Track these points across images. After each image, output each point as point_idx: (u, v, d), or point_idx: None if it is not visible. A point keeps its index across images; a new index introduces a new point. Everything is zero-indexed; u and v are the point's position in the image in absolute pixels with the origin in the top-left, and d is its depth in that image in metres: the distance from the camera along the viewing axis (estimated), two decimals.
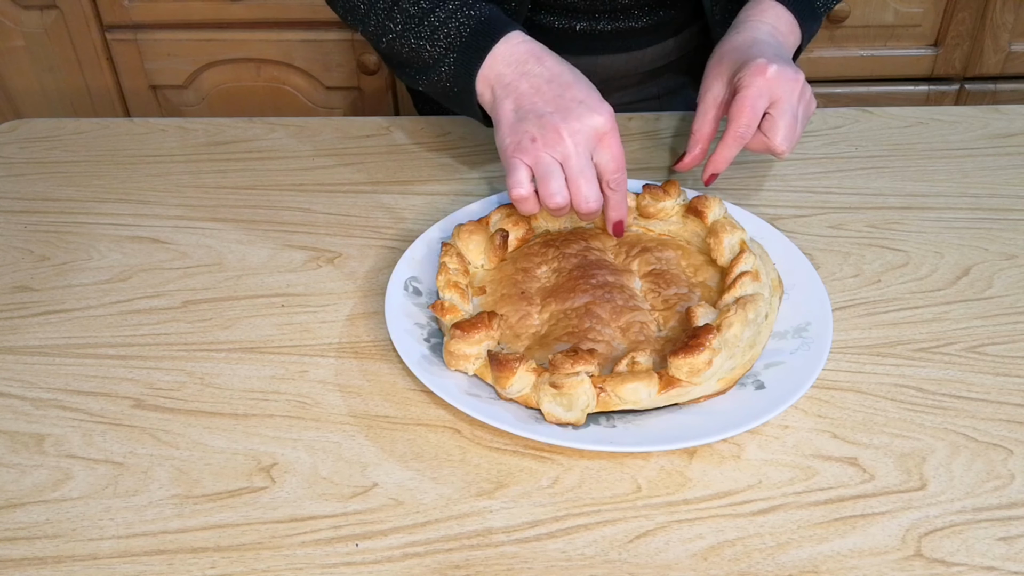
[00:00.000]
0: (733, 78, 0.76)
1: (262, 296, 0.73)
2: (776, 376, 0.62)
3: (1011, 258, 0.76)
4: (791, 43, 0.81)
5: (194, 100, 1.70)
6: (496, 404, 0.60)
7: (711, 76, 0.79)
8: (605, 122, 0.67)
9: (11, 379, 0.66)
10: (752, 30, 0.80)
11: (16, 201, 0.85)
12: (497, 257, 0.72)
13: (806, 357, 0.63)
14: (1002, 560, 0.53)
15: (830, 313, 0.66)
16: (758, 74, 0.73)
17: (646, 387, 0.58)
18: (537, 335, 0.66)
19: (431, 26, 0.74)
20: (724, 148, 0.76)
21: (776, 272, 0.69)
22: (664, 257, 0.72)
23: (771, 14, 0.81)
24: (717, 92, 0.78)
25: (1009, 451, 0.59)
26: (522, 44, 0.72)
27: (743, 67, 0.74)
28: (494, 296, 0.70)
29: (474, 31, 0.73)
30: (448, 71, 0.74)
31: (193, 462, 0.59)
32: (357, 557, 0.53)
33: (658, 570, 0.53)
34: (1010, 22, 1.60)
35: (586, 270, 0.70)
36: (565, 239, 0.74)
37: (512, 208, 0.74)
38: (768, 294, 0.66)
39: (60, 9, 1.58)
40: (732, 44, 0.79)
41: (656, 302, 0.68)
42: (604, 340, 0.64)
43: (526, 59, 0.71)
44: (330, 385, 0.65)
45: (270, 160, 0.91)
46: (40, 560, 0.53)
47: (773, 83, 0.73)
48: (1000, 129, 0.93)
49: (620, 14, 0.92)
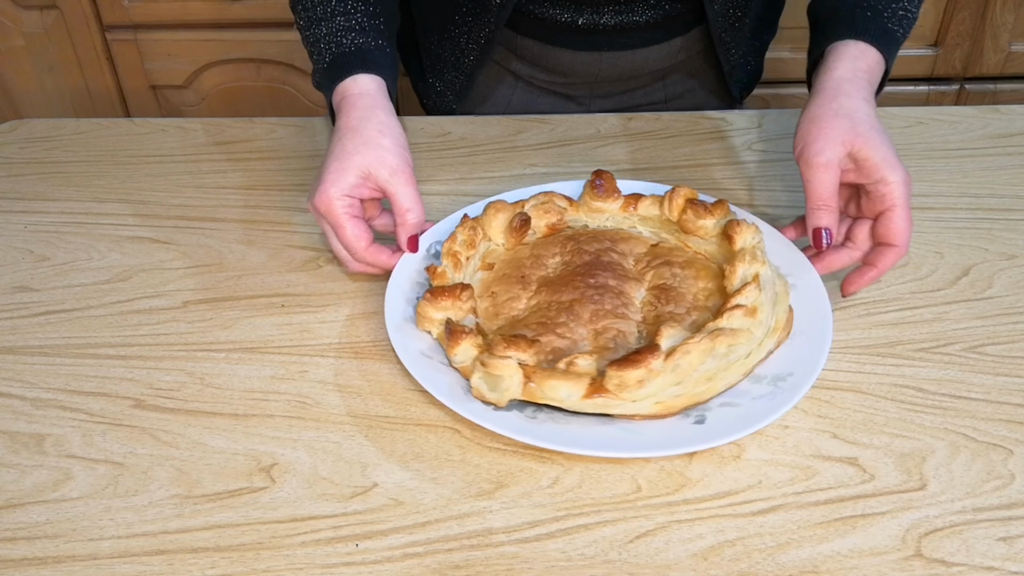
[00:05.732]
0: (852, 156, 0.69)
1: (262, 296, 0.73)
2: (725, 413, 0.59)
3: (1011, 258, 0.76)
4: (877, 77, 0.75)
5: (194, 100, 1.70)
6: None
7: (821, 138, 0.69)
8: (319, 207, 0.70)
9: (11, 379, 0.66)
10: (845, 93, 0.71)
11: (16, 201, 0.85)
12: (514, 239, 0.74)
13: (774, 391, 0.60)
14: (1002, 560, 0.53)
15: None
16: (902, 207, 0.67)
17: (569, 388, 0.58)
18: (515, 319, 0.67)
19: (314, 36, 0.80)
20: (882, 269, 0.69)
21: (787, 316, 0.65)
22: (681, 275, 0.70)
23: (853, 50, 0.74)
24: (832, 155, 0.68)
25: (1009, 451, 0.59)
26: (358, 97, 0.75)
27: (875, 172, 0.68)
28: (496, 274, 0.71)
29: (335, 58, 0.78)
30: (317, 83, 0.81)
31: (193, 462, 0.59)
32: (357, 557, 0.53)
33: (658, 570, 0.53)
34: (1010, 22, 1.60)
35: (591, 269, 0.70)
36: (593, 236, 0.74)
37: (549, 196, 0.76)
38: (761, 334, 0.63)
39: (60, 9, 1.58)
40: (831, 111, 0.70)
41: (649, 315, 0.67)
42: (571, 338, 0.64)
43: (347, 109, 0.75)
44: (330, 385, 0.65)
45: (270, 160, 0.91)
46: (40, 560, 0.53)
47: (909, 196, 0.68)
48: (1000, 129, 0.93)
49: (623, 7, 0.92)
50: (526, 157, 0.91)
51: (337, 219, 0.70)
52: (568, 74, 0.99)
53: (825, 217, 0.69)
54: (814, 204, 0.69)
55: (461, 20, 0.96)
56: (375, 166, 0.71)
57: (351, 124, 0.73)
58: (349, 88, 0.76)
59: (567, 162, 0.90)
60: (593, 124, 0.95)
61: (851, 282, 0.70)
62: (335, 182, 0.70)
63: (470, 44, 0.97)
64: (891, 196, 0.67)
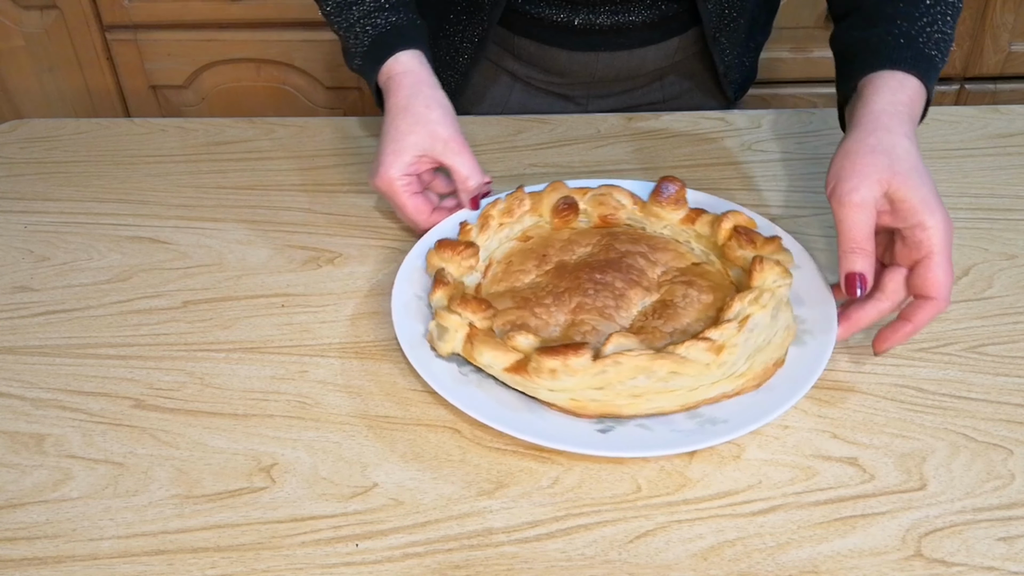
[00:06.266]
0: (888, 196, 0.63)
1: (262, 296, 0.73)
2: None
3: (1011, 258, 0.76)
4: (918, 109, 0.70)
5: (194, 100, 1.70)
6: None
7: (856, 175, 0.63)
8: (380, 188, 0.76)
9: (11, 379, 0.66)
10: (884, 128, 0.66)
11: (16, 201, 0.85)
12: (558, 220, 0.76)
13: (699, 431, 0.58)
14: (1002, 560, 0.53)
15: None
16: (941, 255, 0.62)
17: (494, 356, 0.60)
18: (512, 289, 0.70)
19: (346, 21, 0.81)
20: (918, 324, 0.63)
21: (767, 370, 0.61)
22: (696, 297, 0.67)
23: (891, 81, 0.69)
24: (867, 194, 0.63)
25: (1009, 451, 0.59)
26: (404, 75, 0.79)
27: (912, 215, 0.62)
28: (525, 247, 0.74)
29: (374, 40, 0.80)
30: (358, 66, 0.83)
31: (193, 462, 0.59)
32: (357, 557, 0.53)
33: (658, 570, 0.53)
34: (1010, 22, 1.60)
35: (605, 267, 0.69)
36: (632, 238, 0.73)
37: (610, 189, 0.77)
38: (720, 375, 0.60)
39: (60, 9, 1.58)
40: (867, 146, 0.65)
41: (636, 324, 0.66)
42: (545, 319, 0.66)
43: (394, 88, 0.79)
44: (330, 385, 0.65)
45: (270, 160, 0.91)
46: (40, 560, 0.53)
47: (949, 242, 0.63)
48: (1000, 129, 0.93)
49: (619, 7, 0.92)
50: (526, 157, 0.91)
51: (398, 198, 0.76)
52: (565, 74, 0.99)
53: (859, 261, 0.63)
54: (847, 247, 0.63)
55: (456, 19, 0.97)
56: (428, 143, 0.76)
57: (400, 104, 0.77)
58: (392, 68, 0.79)
59: (567, 162, 0.90)
60: (593, 124, 0.95)
61: (884, 338, 0.64)
62: (393, 164, 0.75)
63: (464, 43, 0.97)
64: (929, 242, 0.61)
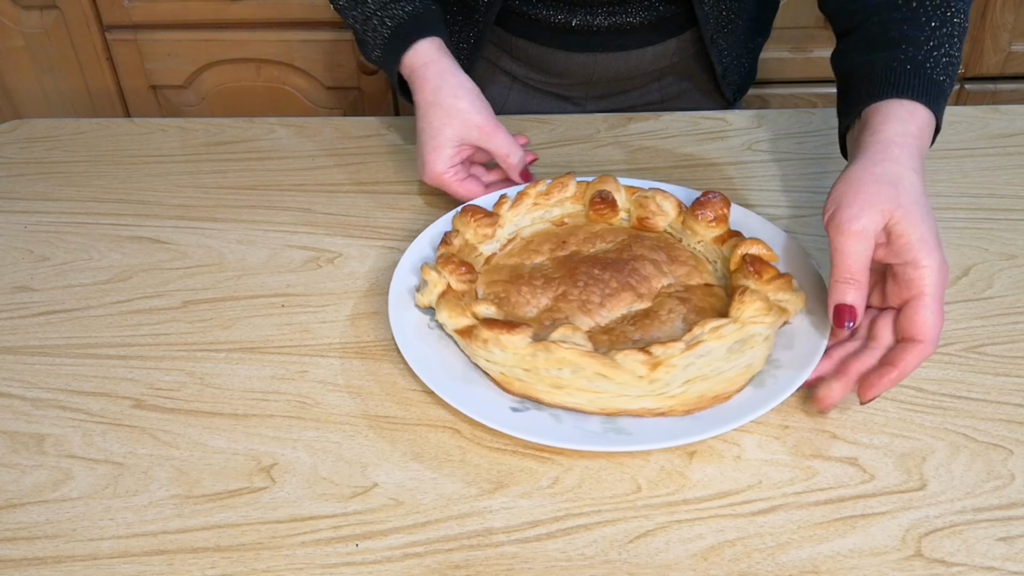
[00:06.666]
0: (887, 229, 0.61)
1: (262, 296, 0.73)
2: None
3: (1011, 258, 0.76)
4: (927, 141, 0.68)
5: (194, 100, 1.70)
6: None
7: (857, 203, 0.61)
8: (431, 183, 0.81)
9: (11, 379, 0.66)
10: (892, 159, 0.64)
11: (16, 201, 0.86)
12: (592, 212, 0.76)
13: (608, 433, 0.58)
14: (1002, 560, 0.53)
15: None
16: (931, 297, 0.59)
17: (451, 316, 0.64)
18: (517, 266, 0.72)
19: (363, 14, 0.83)
20: (903, 370, 0.59)
21: (708, 400, 0.59)
22: (682, 315, 0.66)
23: (899, 111, 0.67)
24: (868, 224, 0.60)
25: (1009, 451, 0.59)
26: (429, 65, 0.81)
27: (907, 252, 0.60)
28: (551, 231, 0.76)
29: (393, 32, 0.81)
30: (378, 58, 0.84)
31: (193, 462, 0.59)
32: (357, 557, 0.53)
33: (658, 570, 0.53)
34: (1010, 22, 1.60)
35: (608, 265, 0.69)
36: (653, 246, 0.72)
37: (655, 192, 0.76)
38: (646, 391, 0.59)
39: (60, 9, 1.58)
40: (873, 175, 0.62)
41: (609, 326, 0.65)
42: (526, 299, 0.68)
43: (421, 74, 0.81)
44: (330, 385, 0.65)
45: (270, 160, 0.91)
46: (40, 560, 0.53)
47: (942, 286, 0.61)
48: (1000, 129, 0.93)
49: (616, 8, 0.92)
50: None
51: (449, 188, 0.81)
52: (563, 75, 0.99)
53: (851, 293, 0.59)
54: (841, 276, 0.60)
55: (452, 19, 0.97)
56: (464, 133, 0.79)
57: (428, 99, 0.80)
58: (414, 60, 0.81)
59: (567, 162, 0.90)
60: (593, 124, 0.95)
61: (870, 385, 0.59)
62: (436, 161, 0.79)
63: (460, 43, 0.98)
64: (921, 282, 0.59)
